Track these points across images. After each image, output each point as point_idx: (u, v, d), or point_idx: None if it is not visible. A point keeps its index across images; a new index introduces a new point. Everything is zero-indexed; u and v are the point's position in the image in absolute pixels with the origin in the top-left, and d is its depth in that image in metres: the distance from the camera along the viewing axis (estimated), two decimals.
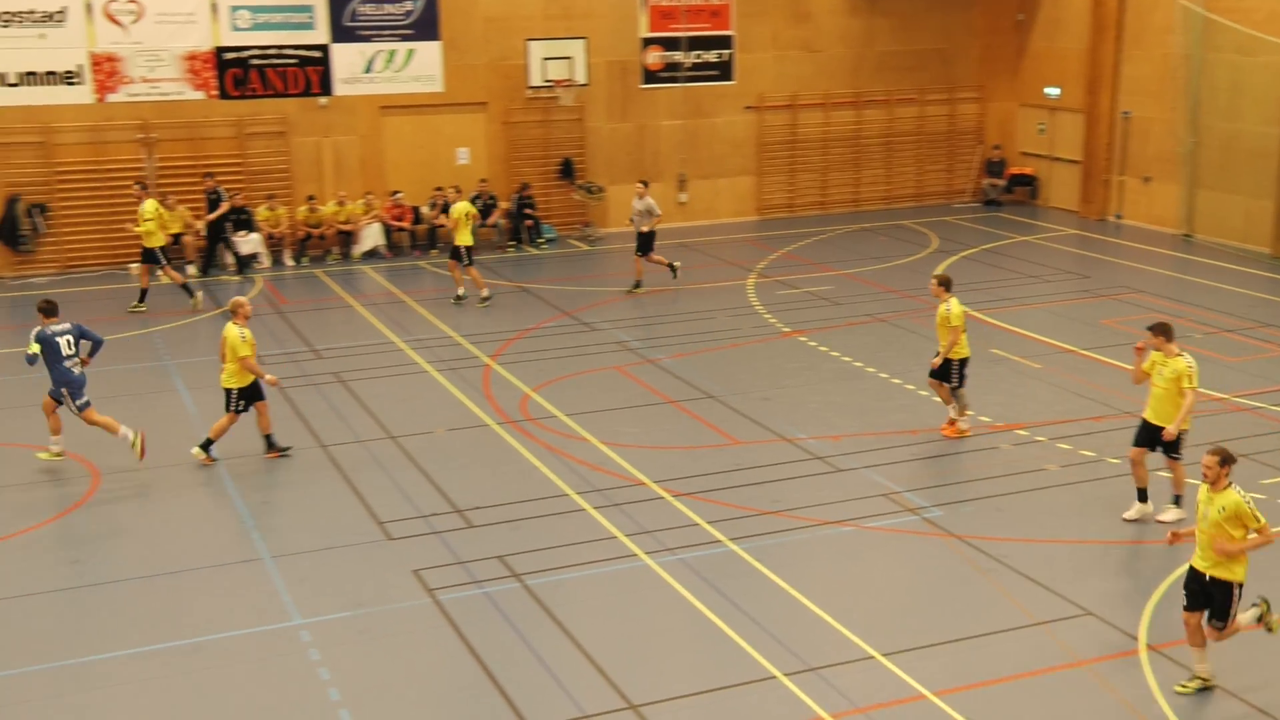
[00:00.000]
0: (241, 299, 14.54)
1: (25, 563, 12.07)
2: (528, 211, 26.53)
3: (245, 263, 24.27)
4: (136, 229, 21.23)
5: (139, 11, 23.88)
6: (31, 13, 23.17)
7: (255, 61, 24.88)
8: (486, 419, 15.88)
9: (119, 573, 11.85)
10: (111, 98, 24.01)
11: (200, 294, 21.67)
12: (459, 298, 21.75)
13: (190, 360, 18.47)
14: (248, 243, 24.32)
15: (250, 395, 14.36)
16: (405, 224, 25.90)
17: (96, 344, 14.56)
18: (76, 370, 14.27)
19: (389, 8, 25.50)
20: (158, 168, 24.32)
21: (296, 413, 16.11)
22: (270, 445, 14.63)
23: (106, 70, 23.89)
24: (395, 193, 25.77)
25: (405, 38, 25.79)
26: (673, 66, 27.96)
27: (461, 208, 21.84)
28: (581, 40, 26.43)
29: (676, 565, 11.83)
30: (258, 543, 12.41)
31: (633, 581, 11.61)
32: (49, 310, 14.37)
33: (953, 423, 15.09)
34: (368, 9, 25.35)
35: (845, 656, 10.26)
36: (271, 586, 11.52)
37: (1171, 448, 12.30)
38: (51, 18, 23.35)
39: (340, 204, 25.46)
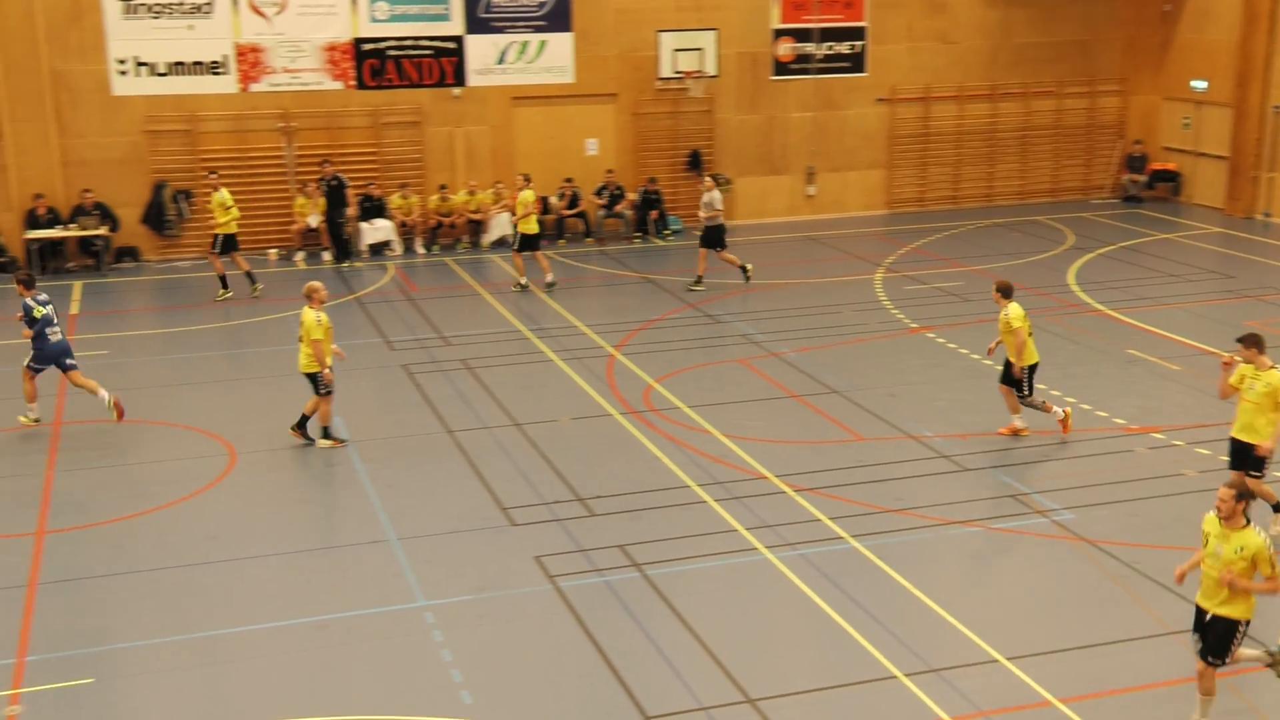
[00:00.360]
0: (317, 283, 14.64)
1: (164, 537, 12.48)
2: (653, 201, 26.57)
3: (376, 249, 24.79)
4: (220, 220, 21.59)
5: (282, 3, 24.50)
6: (181, 4, 23.94)
7: (392, 52, 25.35)
8: (610, 409, 15.95)
9: (252, 549, 12.19)
10: (254, 87, 24.70)
11: (229, 293, 21.77)
12: (550, 284, 22.00)
13: None
14: (380, 230, 24.82)
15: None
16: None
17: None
18: (55, 338, 15.23)
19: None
20: (296, 156, 24.94)
21: (425, 398, 16.38)
22: (301, 424, 14.74)
23: (250, 61, 24.58)
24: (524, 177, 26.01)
25: (538, 29, 26.02)
26: (804, 58, 27.72)
27: (527, 196, 22.11)
28: (712, 32, 26.37)
29: (797, 560, 11.74)
30: (385, 524, 12.65)
31: (753, 575, 11.56)
32: (29, 282, 15.36)
33: (1016, 430, 14.74)
34: (502, 0, 25.63)
35: (968, 659, 10.06)
36: (397, 568, 11.73)
37: (1256, 465, 11.57)
38: (200, 9, 24.10)
39: (471, 193, 25.82)
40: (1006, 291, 14.59)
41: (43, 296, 15.35)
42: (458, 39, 25.66)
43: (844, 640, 10.40)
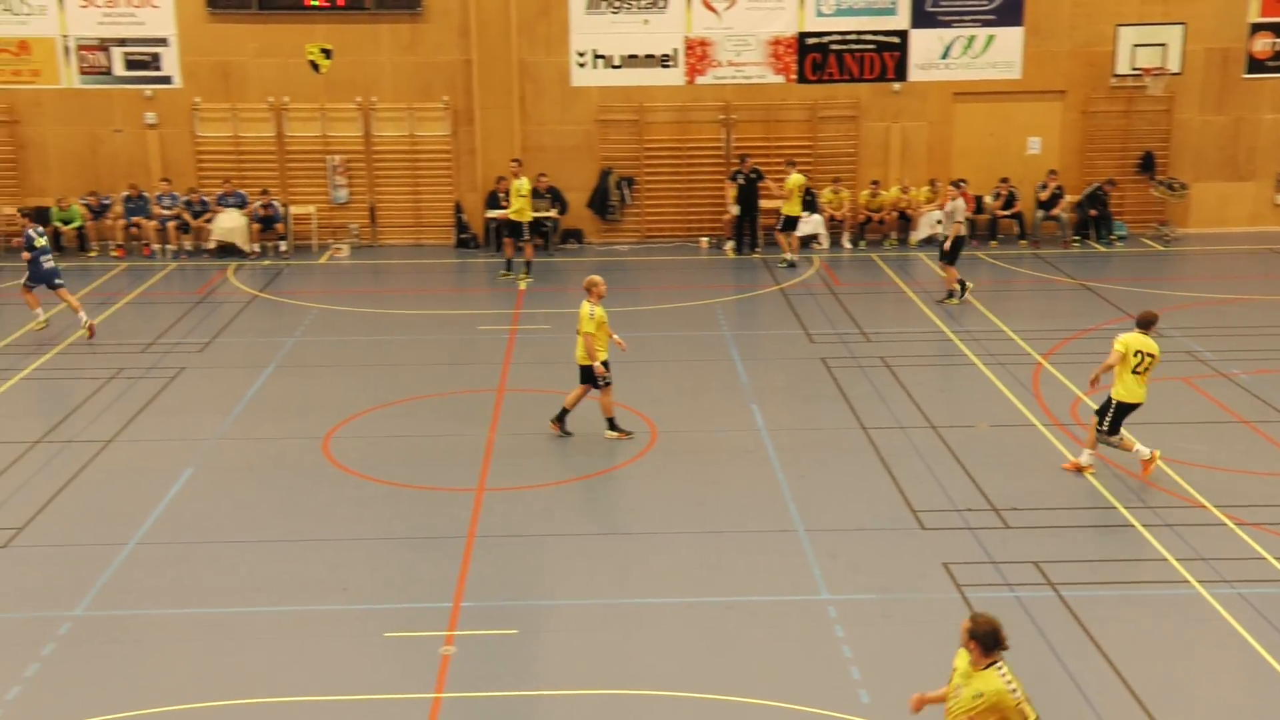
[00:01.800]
0: (596, 277, 14.60)
1: (589, 505, 13.20)
2: (1099, 206, 25.19)
3: (803, 242, 25.00)
4: (511, 208, 22.43)
5: None
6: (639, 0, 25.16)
7: (835, 47, 25.44)
8: (1032, 419, 15.29)
9: (667, 525, 12.63)
10: (699, 80, 25.54)
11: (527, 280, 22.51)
12: (790, 263, 23.29)
13: (746, 332, 19.33)
14: (808, 223, 25.00)
15: (608, 366, 14.52)
16: (967, 213, 25.45)
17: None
18: (48, 265, 19.15)
19: None
20: (734, 148, 25.57)
21: (841, 392, 16.35)
22: (560, 417, 14.81)
23: (698, 54, 25.43)
24: (960, 181, 25.38)
25: (987, 23, 25.29)
26: None
27: (796, 179, 23.19)
28: (1179, 26, 24.62)
29: (1234, 600, 10.77)
30: (793, 514, 12.74)
31: (1181, 610, 10.72)
32: (34, 217, 20.10)
33: (1079, 467, 13.56)
34: None
35: None
36: (803, 558, 11.79)
37: None
38: (655, 4, 25.19)
39: (903, 190, 25.51)
40: (1144, 323, 13.17)
41: (41, 229, 19.50)
42: (902, 33, 25.38)
43: None
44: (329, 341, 19.04)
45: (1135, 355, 13.01)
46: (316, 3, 24.84)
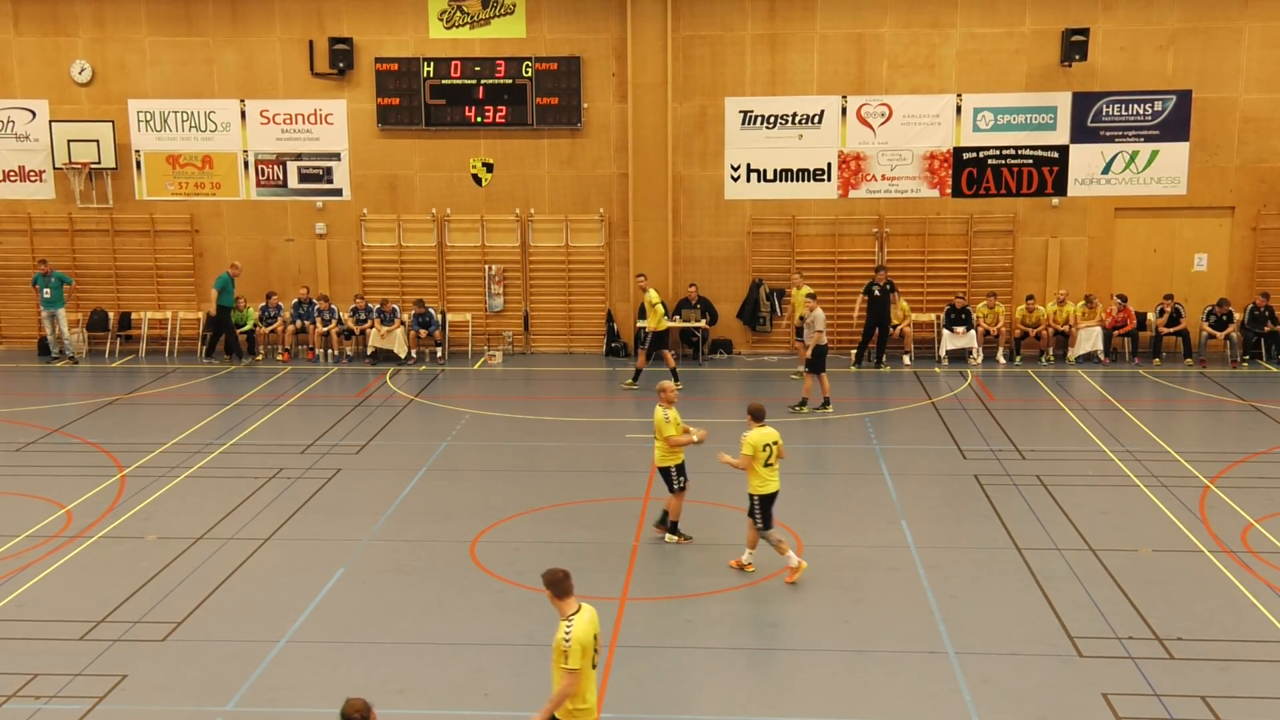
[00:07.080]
0: (666, 383, 15.13)
1: (731, 618, 12.99)
2: (1270, 325, 24.26)
3: (956, 356, 24.61)
4: (650, 320, 22.59)
5: (888, 114, 25.28)
6: (794, 115, 25.42)
7: (991, 161, 25.28)
8: (1199, 544, 14.61)
9: (811, 642, 12.36)
10: (853, 194, 25.61)
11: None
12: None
13: (896, 446, 19.00)
14: (962, 337, 24.64)
15: (684, 472, 14.83)
16: (1127, 329, 24.80)
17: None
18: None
19: (1137, 108, 24.75)
20: (887, 260, 25.46)
21: (994, 510, 15.91)
22: (665, 524, 15.01)
23: (852, 168, 25.54)
24: (1120, 296, 24.80)
25: (1150, 138, 24.88)
26: None
27: (800, 294, 23.49)
28: None
29: None
30: (943, 636, 12.35)
31: None
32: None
33: (742, 566, 14.00)
34: (1114, 110, 24.79)
35: None
36: (953, 683, 11.38)
37: None
38: (810, 120, 25.45)
39: (1060, 304, 25.00)
40: (756, 415, 13.85)
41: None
42: (1062, 148, 25.11)
43: None
44: (479, 446, 19.36)
45: (764, 449, 13.62)
46: (481, 120, 25.77)
